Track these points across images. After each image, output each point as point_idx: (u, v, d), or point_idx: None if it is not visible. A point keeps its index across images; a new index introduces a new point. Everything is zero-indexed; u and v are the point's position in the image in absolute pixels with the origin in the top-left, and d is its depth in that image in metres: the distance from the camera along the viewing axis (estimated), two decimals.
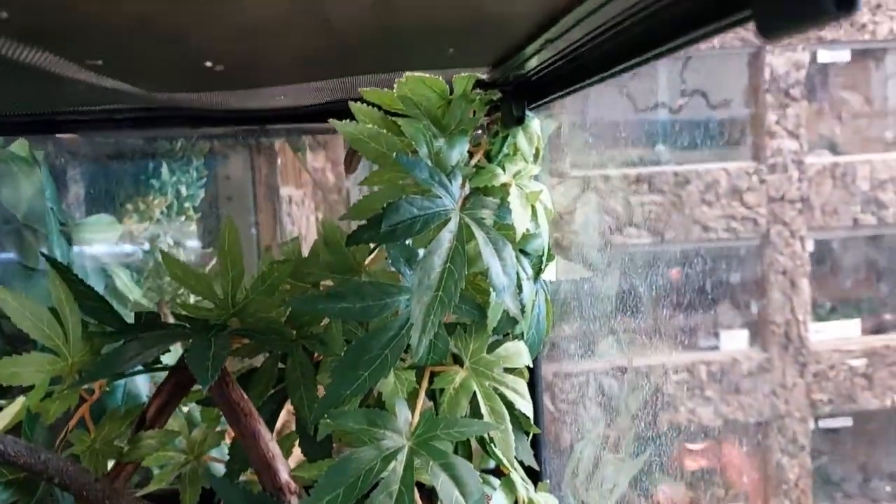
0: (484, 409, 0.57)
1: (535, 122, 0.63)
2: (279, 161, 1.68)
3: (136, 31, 0.40)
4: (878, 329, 4.65)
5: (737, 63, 4.22)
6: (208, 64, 0.47)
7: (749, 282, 4.15)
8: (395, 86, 0.56)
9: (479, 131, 0.67)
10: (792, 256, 4.15)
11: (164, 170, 1.21)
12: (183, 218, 1.27)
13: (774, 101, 4.16)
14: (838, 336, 4.46)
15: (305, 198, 1.83)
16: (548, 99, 0.59)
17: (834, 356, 4.36)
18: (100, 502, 0.51)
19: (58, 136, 0.99)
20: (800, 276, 4.16)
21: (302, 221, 1.77)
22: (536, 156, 0.64)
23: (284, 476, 0.55)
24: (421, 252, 0.54)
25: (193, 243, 1.45)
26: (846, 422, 4.52)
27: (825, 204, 4.33)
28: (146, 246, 1.24)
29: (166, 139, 1.23)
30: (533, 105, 0.62)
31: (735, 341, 3.92)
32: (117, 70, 0.46)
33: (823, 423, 4.31)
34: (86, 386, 0.59)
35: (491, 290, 0.55)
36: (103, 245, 0.84)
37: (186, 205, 1.29)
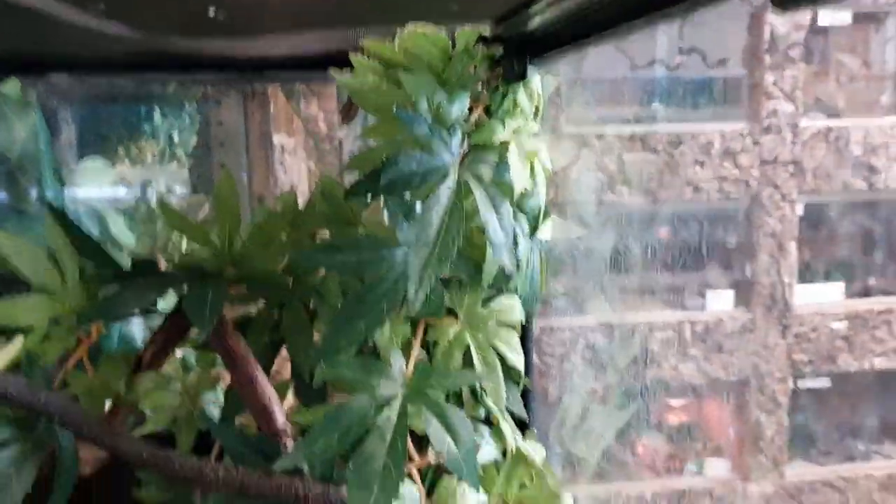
0: (477, 361, 0.58)
1: (537, 79, 0.63)
2: (272, 108, 1.66)
3: None
4: (863, 293, 4.72)
5: (737, 22, 4.18)
6: (211, 10, 0.47)
7: (738, 243, 4.18)
8: (396, 39, 0.56)
9: (480, 86, 0.67)
10: (781, 219, 4.17)
11: (157, 114, 1.20)
12: (174, 163, 1.27)
13: (773, 61, 4.13)
14: (822, 299, 4.52)
15: (297, 146, 1.82)
16: (550, 55, 0.59)
17: (816, 318, 4.43)
18: (97, 440, 0.52)
19: (50, 79, 0.97)
20: (788, 239, 4.19)
21: (294, 170, 1.76)
22: (536, 113, 0.64)
23: (281, 420, 0.56)
24: (419, 206, 0.55)
25: (184, 189, 1.44)
26: (825, 382, 4.62)
27: (817, 168, 4.34)
28: (138, 191, 1.23)
29: (159, 83, 1.22)
30: (534, 61, 0.62)
31: (721, 301, 3.97)
32: (119, 14, 0.45)
33: (802, 384, 4.40)
34: (83, 329, 0.60)
35: (487, 245, 0.55)
36: (96, 189, 0.84)
37: (178, 150, 1.28)
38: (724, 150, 3.86)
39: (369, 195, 0.53)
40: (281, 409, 0.57)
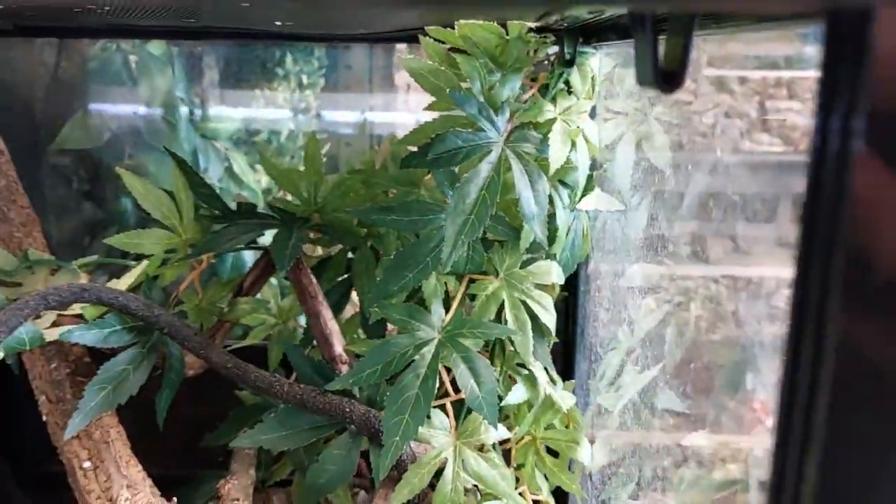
0: (509, 316, 0.66)
1: (594, 59, 0.68)
2: (397, 48, 1.74)
3: None
4: None
5: None
6: None
7: None
8: (456, 26, 0.62)
9: (546, 62, 0.72)
10: None
11: (289, 59, 1.32)
12: (303, 105, 1.39)
13: None
14: None
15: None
16: (602, 43, 0.64)
17: None
18: (195, 351, 0.65)
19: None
20: None
21: (418, 106, 1.84)
22: (592, 92, 0.69)
23: (338, 349, 0.67)
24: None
25: (312, 128, 1.56)
26: None
27: None
28: (265, 134, 1.36)
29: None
30: (591, 42, 0.66)
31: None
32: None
33: None
34: (195, 258, 0.73)
35: None
36: (223, 134, 0.97)
37: (307, 92, 1.40)
38: None
39: (420, 166, 0.62)
40: (340, 340, 0.67)
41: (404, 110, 1.83)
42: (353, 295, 0.76)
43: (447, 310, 0.65)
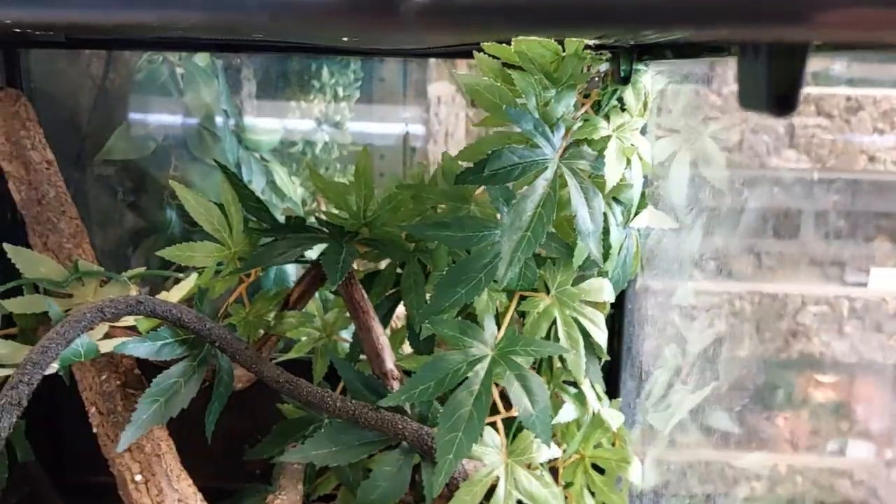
0: (561, 334, 0.65)
1: (647, 77, 0.67)
2: (430, 62, 1.75)
3: None
4: None
5: None
6: None
7: None
8: (512, 42, 0.62)
9: (597, 79, 0.72)
10: None
11: (325, 71, 1.33)
12: (338, 117, 1.40)
13: None
14: None
15: (456, 94, 1.90)
16: (657, 60, 0.63)
17: None
18: (247, 365, 0.65)
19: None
20: None
21: (451, 119, 1.85)
22: (644, 109, 0.68)
23: (389, 364, 0.67)
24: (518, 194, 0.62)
25: (346, 139, 1.57)
26: None
27: None
28: (301, 146, 1.37)
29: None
30: (645, 59, 0.66)
31: (886, 280, 3.67)
32: None
33: None
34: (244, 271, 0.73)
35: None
36: (265, 146, 0.97)
37: (342, 104, 1.41)
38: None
39: (475, 182, 0.61)
40: (391, 355, 0.67)
41: (435, 123, 1.84)
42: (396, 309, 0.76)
43: (499, 327, 0.65)
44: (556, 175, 0.61)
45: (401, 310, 0.76)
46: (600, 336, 0.66)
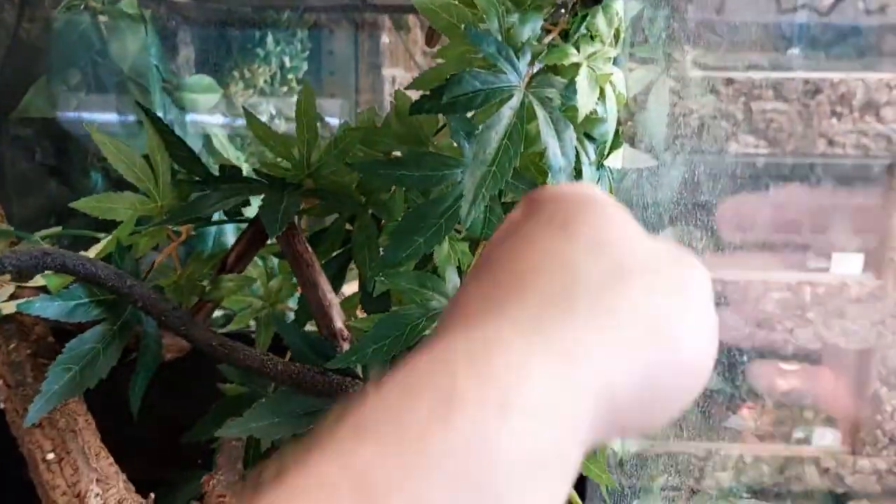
0: None
1: (619, 3, 0.61)
2: (384, 39, 1.68)
3: None
4: None
5: None
6: None
7: (873, 204, 3.87)
8: None
9: (563, 10, 0.66)
10: None
11: (270, 39, 1.24)
12: (285, 89, 1.32)
13: None
14: None
15: (408, 76, 1.83)
16: None
17: None
18: (177, 328, 0.57)
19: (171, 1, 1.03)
20: None
21: None
22: (616, 38, 0.62)
23: (339, 323, 0.59)
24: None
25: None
26: None
27: None
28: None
29: (273, 9, 1.26)
30: None
31: (847, 265, 3.70)
32: None
33: None
34: (174, 228, 0.65)
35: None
36: (202, 107, 0.89)
37: (289, 76, 1.33)
38: (865, 101, 3.55)
39: (432, 111, 0.54)
40: (340, 313, 0.60)
41: (389, 103, 1.77)
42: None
43: (461, 278, 0.58)
44: (522, 104, 0.54)
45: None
46: None
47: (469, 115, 0.57)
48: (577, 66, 0.57)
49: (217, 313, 0.75)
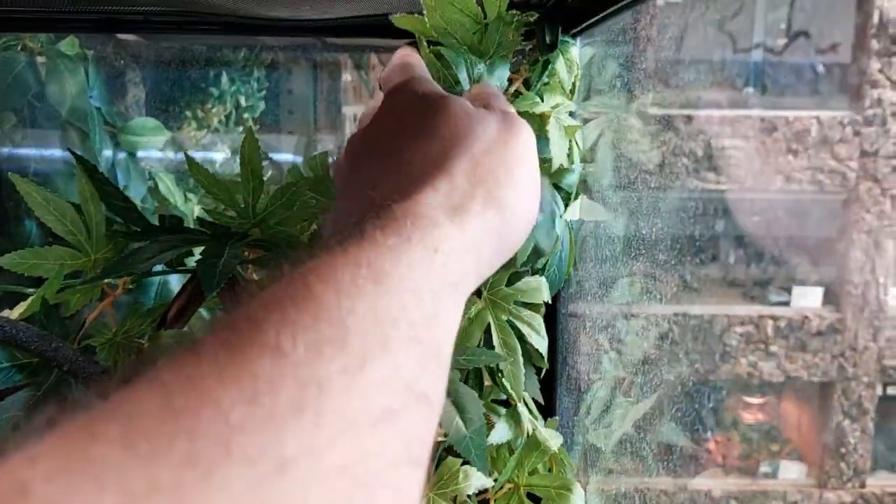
0: (496, 342, 0.56)
1: (575, 50, 0.60)
2: (344, 78, 1.66)
3: None
4: None
5: (844, 3, 3.90)
6: None
7: (830, 238, 3.92)
8: (425, 10, 0.53)
9: (520, 57, 0.64)
10: (879, 215, 3.89)
11: (224, 78, 1.21)
12: (241, 129, 1.28)
13: (880, 47, 3.83)
14: None
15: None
16: (585, 24, 0.56)
17: None
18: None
19: (120, 38, 0.99)
20: (885, 237, 3.91)
21: None
22: (573, 89, 0.60)
23: None
24: None
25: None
26: None
27: None
28: (208, 153, 1.25)
29: (229, 48, 1.23)
30: (572, 31, 0.58)
31: (808, 298, 3.73)
32: None
33: (893, 390, 4.13)
34: (109, 281, 0.61)
35: None
36: (148, 149, 0.85)
37: (245, 115, 1.29)
38: (820, 138, 3.61)
39: None
40: None
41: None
42: None
43: None
44: None
45: None
46: (540, 342, 0.57)
47: None
48: (545, 116, 0.55)
49: None
